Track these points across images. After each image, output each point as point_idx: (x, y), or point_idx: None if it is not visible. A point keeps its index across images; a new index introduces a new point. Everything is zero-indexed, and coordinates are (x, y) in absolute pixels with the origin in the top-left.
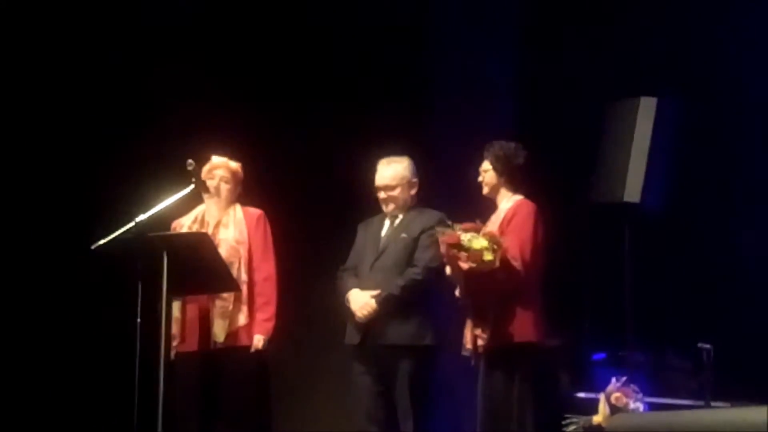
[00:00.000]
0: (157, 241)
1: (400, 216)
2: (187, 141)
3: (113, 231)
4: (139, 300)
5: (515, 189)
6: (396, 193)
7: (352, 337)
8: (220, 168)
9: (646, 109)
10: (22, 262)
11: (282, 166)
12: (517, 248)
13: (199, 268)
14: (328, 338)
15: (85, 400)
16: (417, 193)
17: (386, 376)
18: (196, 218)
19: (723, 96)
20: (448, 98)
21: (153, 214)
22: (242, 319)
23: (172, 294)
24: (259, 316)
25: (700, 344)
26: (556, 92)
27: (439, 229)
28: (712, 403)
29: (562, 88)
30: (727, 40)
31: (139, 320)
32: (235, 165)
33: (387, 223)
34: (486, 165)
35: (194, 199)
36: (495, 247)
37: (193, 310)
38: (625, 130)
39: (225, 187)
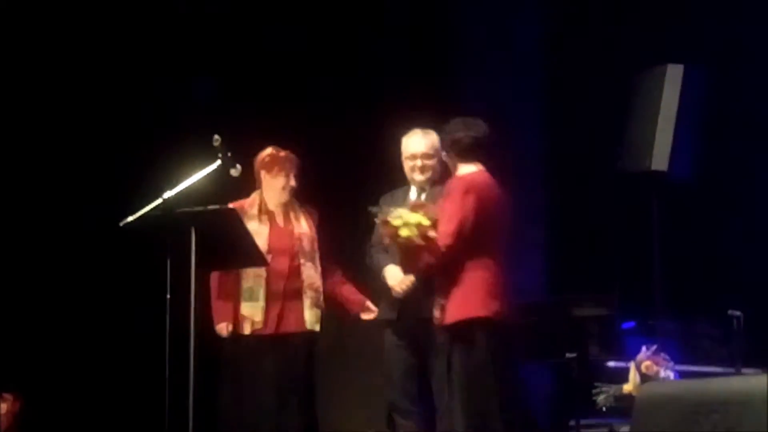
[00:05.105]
0: (185, 217)
1: (426, 190)
2: (214, 118)
3: (141, 208)
4: (168, 276)
5: (470, 161)
6: (433, 162)
7: (387, 313)
8: (294, 163)
9: (673, 76)
10: (50, 241)
11: (304, 143)
12: (442, 224)
13: (227, 243)
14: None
15: (116, 380)
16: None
17: (423, 349)
18: (260, 208)
19: (750, 63)
20: (474, 71)
21: (180, 191)
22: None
23: (201, 269)
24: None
25: (730, 311)
26: (583, 61)
27: (373, 209)
28: (743, 370)
29: (589, 57)
30: (755, 7)
31: (168, 296)
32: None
33: (412, 196)
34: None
35: (220, 176)
36: (421, 223)
37: (274, 296)
38: (653, 98)
39: (296, 182)
